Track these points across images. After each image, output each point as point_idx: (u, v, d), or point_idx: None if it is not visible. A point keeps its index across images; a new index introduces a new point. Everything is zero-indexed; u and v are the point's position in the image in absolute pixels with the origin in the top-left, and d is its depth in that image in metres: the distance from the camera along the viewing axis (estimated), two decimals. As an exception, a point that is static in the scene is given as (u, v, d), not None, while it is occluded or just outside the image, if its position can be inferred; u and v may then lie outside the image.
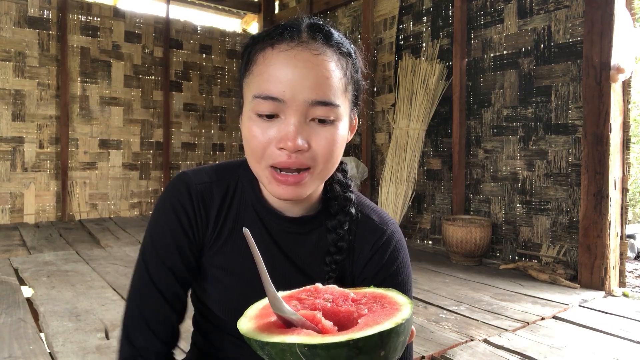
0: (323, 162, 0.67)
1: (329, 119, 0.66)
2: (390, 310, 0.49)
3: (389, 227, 0.79)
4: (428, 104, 3.98)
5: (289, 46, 0.65)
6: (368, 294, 0.55)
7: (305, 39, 0.66)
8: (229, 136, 6.13)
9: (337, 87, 0.67)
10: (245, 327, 0.49)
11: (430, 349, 1.96)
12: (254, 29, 6.54)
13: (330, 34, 0.68)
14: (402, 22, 4.49)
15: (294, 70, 0.64)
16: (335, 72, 0.67)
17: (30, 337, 1.97)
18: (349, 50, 0.71)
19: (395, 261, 0.77)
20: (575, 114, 3.18)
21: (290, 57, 0.65)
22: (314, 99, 0.64)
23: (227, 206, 0.77)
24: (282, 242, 0.77)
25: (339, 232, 0.76)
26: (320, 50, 0.66)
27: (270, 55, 0.66)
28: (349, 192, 0.79)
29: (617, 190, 2.91)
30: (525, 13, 3.48)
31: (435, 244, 4.15)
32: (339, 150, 0.70)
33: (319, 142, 0.66)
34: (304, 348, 0.44)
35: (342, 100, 0.68)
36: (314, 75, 0.65)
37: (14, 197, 4.72)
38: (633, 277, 3.64)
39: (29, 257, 3.33)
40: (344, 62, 0.69)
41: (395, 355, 0.48)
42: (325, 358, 0.44)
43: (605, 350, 1.99)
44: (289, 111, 0.65)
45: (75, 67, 5.01)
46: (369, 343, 0.44)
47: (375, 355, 0.45)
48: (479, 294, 2.74)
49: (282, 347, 0.45)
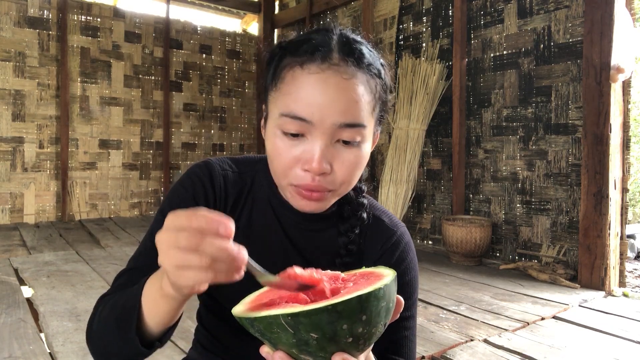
0: (343, 184, 0.69)
1: (355, 141, 0.66)
2: (372, 280, 0.51)
3: (398, 229, 0.81)
4: (428, 104, 3.98)
5: (320, 69, 0.64)
6: (358, 273, 0.56)
7: (336, 61, 0.65)
8: (229, 136, 6.13)
9: (366, 110, 0.67)
10: (237, 309, 0.52)
11: (430, 349, 1.96)
12: (254, 29, 6.54)
13: (361, 55, 0.67)
14: (402, 22, 4.49)
15: (323, 93, 0.63)
16: (365, 95, 0.66)
17: (30, 337, 1.97)
18: (379, 70, 0.70)
19: (403, 262, 0.78)
20: (575, 114, 3.18)
21: (321, 80, 0.64)
22: (342, 122, 0.64)
23: (244, 197, 0.79)
24: (294, 238, 0.78)
25: (350, 236, 0.77)
26: (351, 73, 0.65)
27: (300, 75, 0.65)
28: (362, 197, 0.80)
29: (617, 190, 2.90)
30: (525, 13, 3.48)
31: (435, 244, 4.15)
32: (359, 171, 0.71)
33: (341, 165, 0.66)
34: (287, 318, 0.46)
35: (369, 120, 0.68)
36: (344, 99, 0.64)
37: (14, 197, 4.72)
38: (633, 277, 3.64)
39: (29, 257, 3.33)
40: (373, 83, 0.68)
41: (380, 321, 0.49)
42: (308, 325, 0.46)
43: (605, 350, 1.99)
44: (315, 133, 0.64)
45: (75, 67, 5.01)
46: (348, 307, 0.46)
47: (356, 319, 0.46)
48: (479, 294, 2.74)
49: (268, 320, 0.47)
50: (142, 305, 0.60)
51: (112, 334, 0.63)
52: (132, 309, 0.60)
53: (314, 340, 0.46)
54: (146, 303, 0.59)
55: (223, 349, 0.82)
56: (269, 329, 0.48)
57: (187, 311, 2.37)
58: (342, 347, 0.47)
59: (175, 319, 0.61)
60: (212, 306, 0.82)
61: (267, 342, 0.50)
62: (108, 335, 0.63)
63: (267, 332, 0.48)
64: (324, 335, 0.46)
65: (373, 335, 0.49)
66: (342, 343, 0.47)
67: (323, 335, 0.46)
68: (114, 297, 0.67)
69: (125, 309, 0.62)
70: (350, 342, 0.47)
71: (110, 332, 0.63)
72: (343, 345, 0.47)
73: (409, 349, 0.78)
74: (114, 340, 0.63)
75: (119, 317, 0.62)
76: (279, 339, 0.48)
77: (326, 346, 0.47)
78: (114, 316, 0.63)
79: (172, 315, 0.59)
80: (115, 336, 0.62)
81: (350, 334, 0.47)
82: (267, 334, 0.48)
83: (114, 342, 0.63)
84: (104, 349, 0.65)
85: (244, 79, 6.23)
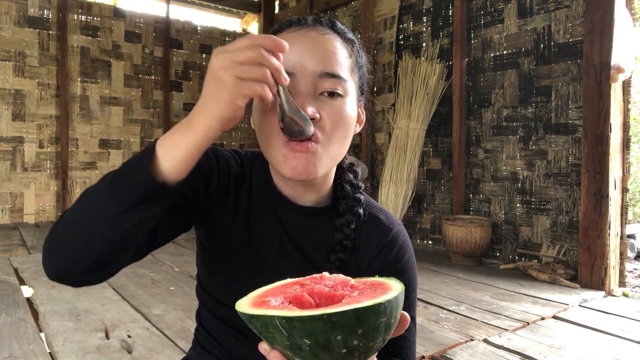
0: (332, 132, 0.69)
1: (337, 92, 0.69)
2: (377, 293, 0.50)
3: (395, 227, 0.81)
4: (428, 104, 3.98)
5: (297, 28, 0.72)
6: (368, 282, 0.56)
7: (311, 25, 0.72)
8: (228, 136, 6.13)
9: (344, 64, 0.71)
10: (241, 303, 0.52)
11: (430, 349, 1.96)
12: (254, 29, 6.53)
13: (334, 22, 0.75)
14: (402, 22, 4.49)
15: (301, 45, 0.69)
16: (342, 50, 0.72)
17: (30, 337, 1.97)
18: (353, 39, 0.76)
19: (400, 260, 0.78)
20: (575, 114, 3.18)
21: (298, 35, 0.70)
22: (322, 70, 0.68)
23: (244, 188, 0.79)
24: (291, 232, 0.79)
25: (345, 231, 0.77)
26: (326, 31, 0.72)
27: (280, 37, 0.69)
28: (359, 194, 0.80)
29: (617, 190, 2.90)
30: (525, 13, 3.48)
31: (435, 244, 4.15)
32: (346, 129, 0.71)
33: (328, 112, 0.69)
34: (282, 320, 0.46)
35: (349, 78, 0.72)
36: (322, 49, 0.69)
37: (14, 197, 4.72)
38: (633, 277, 3.65)
39: (29, 257, 3.33)
40: (349, 46, 0.74)
41: (379, 336, 0.48)
42: (302, 330, 0.46)
43: (605, 350, 1.99)
44: (299, 84, 0.67)
45: (75, 67, 5.01)
46: (343, 319, 0.45)
47: (351, 332, 0.46)
48: (479, 294, 2.74)
49: (264, 320, 0.47)
50: (158, 150, 0.56)
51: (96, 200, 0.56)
52: (139, 155, 0.56)
53: (307, 347, 0.46)
54: (163, 147, 0.56)
55: (222, 349, 0.82)
56: (265, 328, 0.48)
57: (187, 311, 2.36)
58: (335, 357, 0.47)
59: (189, 166, 0.57)
60: (212, 307, 0.82)
61: (264, 339, 0.51)
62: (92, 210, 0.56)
63: (263, 331, 0.49)
64: (317, 342, 0.46)
65: (370, 349, 0.49)
66: (336, 353, 0.47)
67: (316, 342, 0.46)
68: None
69: (123, 166, 0.57)
70: (345, 354, 0.47)
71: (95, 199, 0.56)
72: (337, 355, 0.47)
73: (409, 350, 0.78)
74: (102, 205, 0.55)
75: (115, 174, 0.56)
76: (274, 339, 0.48)
77: (319, 354, 0.47)
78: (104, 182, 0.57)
79: (192, 156, 0.56)
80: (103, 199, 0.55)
81: (345, 345, 0.46)
82: (264, 332, 0.49)
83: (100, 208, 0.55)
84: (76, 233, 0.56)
85: (244, 79, 6.22)
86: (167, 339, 2.00)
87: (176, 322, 2.20)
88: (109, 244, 0.56)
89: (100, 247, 0.56)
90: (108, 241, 0.56)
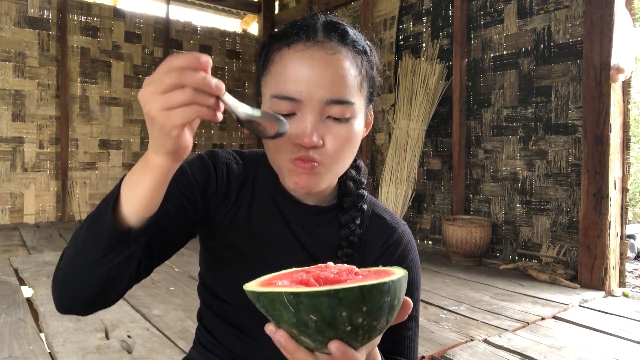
0: (334, 159, 0.70)
1: (345, 117, 0.68)
2: (381, 276, 0.51)
3: (399, 227, 0.81)
4: (428, 104, 3.98)
5: (305, 46, 0.67)
6: (372, 270, 0.57)
7: (320, 39, 0.68)
8: (228, 136, 6.13)
9: (353, 85, 0.69)
10: (249, 285, 0.53)
11: (430, 349, 1.96)
12: (254, 29, 6.54)
13: (345, 32, 0.70)
14: (402, 22, 4.49)
15: (310, 70, 0.66)
16: (351, 70, 0.69)
17: (30, 337, 1.97)
18: (364, 47, 0.73)
19: (404, 261, 0.79)
20: (575, 114, 3.18)
21: (306, 57, 0.67)
22: (329, 97, 0.66)
23: (247, 188, 0.80)
24: (296, 231, 0.79)
25: (351, 227, 0.78)
26: (336, 49, 0.68)
27: (287, 55, 0.68)
28: (362, 189, 0.81)
29: (617, 190, 2.90)
30: (525, 13, 3.48)
31: (435, 244, 4.15)
32: (352, 148, 0.72)
33: (332, 139, 0.68)
34: (289, 296, 0.47)
35: (357, 97, 0.70)
36: (330, 75, 0.66)
37: (14, 197, 4.72)
38: (633, 277, 3.65)
39: (29, 257, 3.33)
40: (359, 60, 0.71)
41: (382, 315, 0.49)
42: (308, 306, 0.47)
43: (605, 350, 1.99)
44: (305, 110, 0.67)
45: (75, 67, 5.01)
46: (349, 295, 0.46)
47: (356, 308, 0.47)
48: (479, 294, 2.74)
49: (272, 297, 0.48)
50: (122, 192, 0.57)
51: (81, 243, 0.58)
52: (109, 198, 0.57)
53: (312, 323, 0.47)
54: (126, 188, 0.57)
55: (223, 349, 0.82)
56: (272, 306, 0.49)
57: (187, 311, 2.36)
58: (340, 334, 0.48)
59: (155, 203, 0.57)
60: (214, 305, 0.82)
61: (271, 319, 0.52)
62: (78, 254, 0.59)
63: (270, 309, 0.49)
64: (323, 318, 0.47)
65: (374, 328, 0.50)
66: (341, 330, 0.48)
67: (322, 318, 0.47)
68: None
69: (99, 207, 0.58)
70: (349, 331, 0.48)
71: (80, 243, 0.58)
72: (341, 333, 0.48)
73: (411, 349, 0.78)
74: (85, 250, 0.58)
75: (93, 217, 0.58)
76: (281, 316, 0.49)
77: (324, 330, 0.47)
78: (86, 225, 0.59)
79: (153, 194, 0.56)
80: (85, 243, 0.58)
81: (349, 322, 0.47)
82: (271, 310, 0.50)
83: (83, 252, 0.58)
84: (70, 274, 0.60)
85: (244, 79, 6.23)
86: (167, 339, 2.00)
87: (176, 322, 2.20)
88: (99, 284, 0.59)
89: (91, 286, 0.59)
90: (97, 281, 0.59)
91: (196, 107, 0.50)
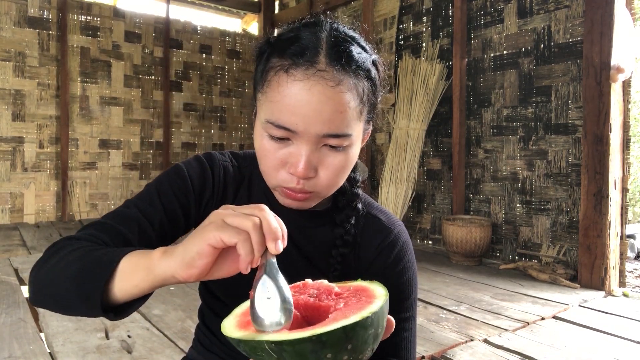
0: (327, 187, 0.69)
1: (341, 147, 0.66)
2: (362, 304, 0.50)
3: (395, 228, 0.80)
4: (428, 104, 3.98)
5: (305, 75, 0.62)
6: (352, 288, 0.56)
7: (322, 66, 0.63)
8: (229, 136, 6.13)
9: (352, 117, 0.65)
10: (226, 324, 0.52)
11: (430, 349, 1.96)
12: (254, 29, 6.54)
13: (350, 58, 0.64)
14: (402, 22, 4.49)
15: (308, 104, 0.62)
16: (351, 103, 0.64)
17: (30, 337, 1.97)
18: (369, 70, 0.67)
19: (400, 261, 0.78)
20: (575, 114, 3.18)
21: (305, 89, 0.62)
22: (326, 132, 0.64)
23: (243, 190, 0.80)
24: (292, 233, 0.79)
25: (346, 226, 0.78)
26: (338, 78, 0.63)
27: (285, 82, 0.63)
28: (357, 188, 0.80)
29: (617, 190, 2.90)
30: (525, 13, 3.48)
31: (435, 244, 4.15)
32: (347, 172, 0.71)
33: (326, 170, 0.67)
34: (271, 344, 0.46)
35: (356, 125, 0.67)
36: (329, 110, 0.63)
37: (14, 197, 4.72)
38: (633, 277, 3.65)
39: (29, 257, 3.33)
40: (361, 87, 0.66)
41: (367, 347, 0.49)
42: (291, 353, 0.46)
43: (605, 350, 1.99)
44: (300, 140, 0.65)
45: (75, 67, 5.01)
46: (333, 337, 0.45)
47: (341, 348, 0.46)
48: (479, 294, 2.74)
49: (253, 345, 0.47)
50: (119, 267, 0.57)
51: (68, 280, 0.59)
52: (107, 264, 0.57)
53: None
54: (124, 267, 0.57)
55: (223, 347, 0.82)
56: (254, 352, 0.48)
57: (187, 311, 2.36)
58: None
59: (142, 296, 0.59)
60: (214, 305, 0.83)
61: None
62: (63, 281, 0.59)
63: (252, 354, 0.49)
64: None
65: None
66: None
67: None
68: (84, 247, 0.63)
69: (97, 263, 0.58)
70: None
71: (68, 278, 0.59)
72: None
73: (408, 351, 0.78)
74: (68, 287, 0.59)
75: (86, 267, 0.58)
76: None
77: None
78: (78, 265, 0.59)
79: (142, 291, 0.57)
80: (71, 284, 0.58)
81: None
82: (253, 355, 0.49)
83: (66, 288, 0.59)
84: (49, 292, 0.61)
85: (244, 79, 6.23)
86: (167, 339, 2.00)
87: (176, 322, 2.20)
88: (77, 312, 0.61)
89: (71, 310, 0.61)
90: (77, 312, 0.60)
91: (245, 242, 0.49)
